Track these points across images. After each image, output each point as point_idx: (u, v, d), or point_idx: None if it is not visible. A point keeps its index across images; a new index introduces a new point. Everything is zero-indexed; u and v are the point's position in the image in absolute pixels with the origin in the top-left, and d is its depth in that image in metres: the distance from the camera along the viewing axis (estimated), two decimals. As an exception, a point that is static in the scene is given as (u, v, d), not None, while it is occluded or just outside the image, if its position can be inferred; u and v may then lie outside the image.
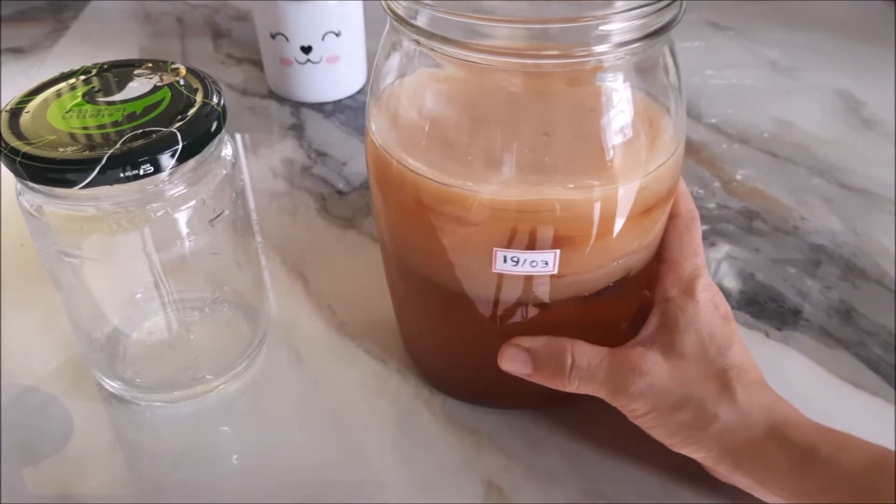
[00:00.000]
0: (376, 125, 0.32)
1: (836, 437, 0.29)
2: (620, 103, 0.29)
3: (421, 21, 0.28)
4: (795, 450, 0.29)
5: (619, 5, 0.27)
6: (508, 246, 0.29)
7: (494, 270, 0.30)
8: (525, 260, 0.30)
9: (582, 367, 0.32)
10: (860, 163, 0.55)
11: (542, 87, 0.29)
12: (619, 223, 0.30)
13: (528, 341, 0.33)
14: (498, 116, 0.29)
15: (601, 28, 0.26)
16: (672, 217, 0.34)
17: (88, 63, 0.35)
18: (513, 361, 0.33)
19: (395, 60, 0.31)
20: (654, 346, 0.32)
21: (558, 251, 0.29)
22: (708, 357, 0.31)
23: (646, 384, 0.31)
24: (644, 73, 0.29)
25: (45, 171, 0.29)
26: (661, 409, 0.31)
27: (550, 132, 0.29)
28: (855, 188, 0.53)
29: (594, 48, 0.26)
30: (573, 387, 0.32)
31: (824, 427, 0.30)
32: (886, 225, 0.49)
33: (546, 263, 0.30)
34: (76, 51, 0.74)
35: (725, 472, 0.31)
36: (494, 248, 0.29)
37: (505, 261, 0.30)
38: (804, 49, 0.71)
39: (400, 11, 0.28)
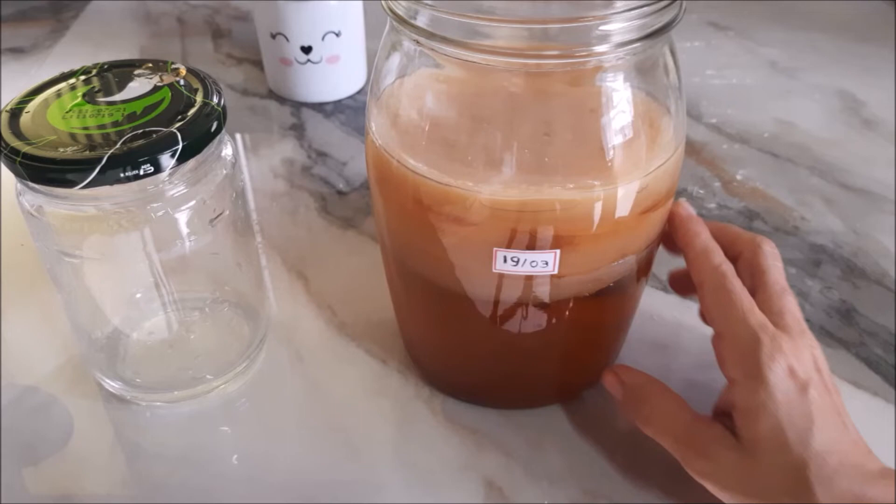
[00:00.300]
0: (376, 125, 0.32)
1: None
2: (621, 103, 0.29)
3: (421, 21, 0.28)
4: None
5: (619, 5, 0.27)
6: (508, 246, 0.29)
7: (494, 270, 0.30)
8: (525, 260, 0.30)
9: (656, 423, 0.32)
10: (860, 163, 0.55)
11: (542, 88, 0.29)
12: (619, 223, 0.30)
13: (627, 375, 0.34)
14: (498, 116, 0.29)
15: (601, 28, 0.26)
16: (699, 283, 0.31)
17: (88, 63, 0.35)
18: (610, 385, 0.35)
19: (395, 61, 0.31)
20: (733, 422, 0.29)
21: (558, 251, 0.29)
22: (784, 447, 0.28)
23: (713, 468, 0.29)
24: (644, 74, 0.29)
25: (46, 171, 0.29)
26: (731, 492, 0.29)
27: (551, 132, 0.29)
28: (855, 188, 0.53)
29: (594, 48, 0.26)
30: (647, 433, 0.33)
31: None
32: (886, 225, 0.49)
33: (546, 263, 0.30)
34: (76, 51, 0.74)
35: None
36: (494, 248, 0.29)
37: (505, 261, 0.30)
38: (804, 49, 0.71)
39: (400, 11, 0.28)
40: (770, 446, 0.28)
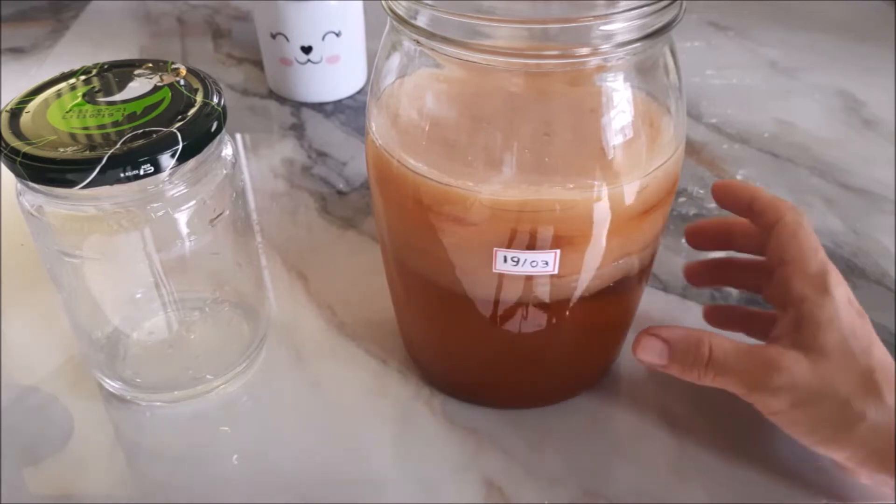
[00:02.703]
0: (376, 125, 0.32)
1: None
2: (621, 103, 0.29)
3: (421, 21, 0.28)
4: None
5: (619, 5, 0.27)
6: (509, 246, 0.29)
7: (495, 270, 0.30)
8: (525, 260, 0.30)
9: (719, 360, 0.31)
10: (860, 163, 0.55)
11: (542, 88, 0.29)
12: (619, 223, 0.30)
13: (665, 331, 0.33)
14: (498, 116, 0.29)
15: (601, 28, 0.26)
16: (778, 220, 0.34)
17: (88, 63, 0.35)
18: (649, 351, 0.33)
19: (395, 60, 0.31)
20: (793, 345, 0.31)
21: (558, 251, 0.29)
22: (852, 355, 0.30)
23: (786, 380, 0.30)
24: (644, 74, 0.29)
25: (46, 171, 0.29)
26: (803, 406, 0.30)
27: (551, 132, 0.29)
28: (855, 188, 0.52)
29: (594, 48, 0.26)
30: (708, 379, 0.32)
31: None
32: (886, 225, 0.49)
33: (546, 263, 0.30)
34: (76, 51, 0.74)
35: (869, 474, 0.30)
36: (495, 248, 0.29)
37: (505, 261, 0.30)
38: (804, 49, 0.71)
39: (400, 11, 0.28)
40: (839, 354, 0.30)
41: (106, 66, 0.35)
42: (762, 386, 0.31)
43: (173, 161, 0.30)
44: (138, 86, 0.34)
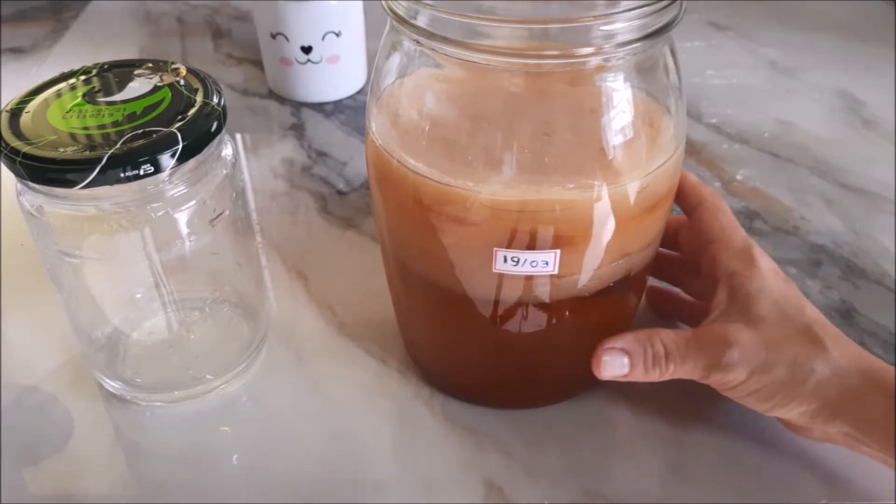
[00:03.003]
0: (376, 125, 0.32)
1: None
2: (621, 103, 0.29)
3: (421, 21, 0.28)
4: (892, 392, 0.30)
5: (619, 5, 0.27)
6: (509, 246, 0.29)
7: (495, 270, 0.30)
8: (525, 260, 0.30)
9: (673, 353, 0.32)
10: (860, 163, 0.55)
11: (542, 88, 0.29)
12: (619, 223, 0.30)
13: (619, 342, 0.33)
14: (498, 116, 0.29)
15: (601, 28, 0.26)
16: (700, 203, 0.36)
17: (88, 63, 0.35)
18: (611, 366, 0.33)
19: (395, 60, 0.31)
20: (733, 318, 0.32)
21: (558, 251, 0.29)
22: (788, 317, 0.32)
23: (738, 353, 0.31)
24: (644, 73, 0.29)
25: (46, 171, 0.29)
26: (757, 374, 0.31)
27: (551, 132, 0.29)
28: (855, 188, 0.52)
29: (594, 48, 0.26)
30: (668, 373, 0.33)
31: None
32: (886, 225, 0.49)
33: (546, 263, 0.30)
34: (76, 51, 0.74)
35: (822, 426, 0.32)
36: (495, 248, 0.29)
37: (505, 261, 0.30)
38: (804, 49, 0.71)
39: (400, 11, 0.28)
40: (776, 319, 0.32)
41: (106, 66, 0.35)
42: (718, 364, 0.32)
43: (173, 161, 0.30)
44: (138, 86, 0.34)
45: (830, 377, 0.30)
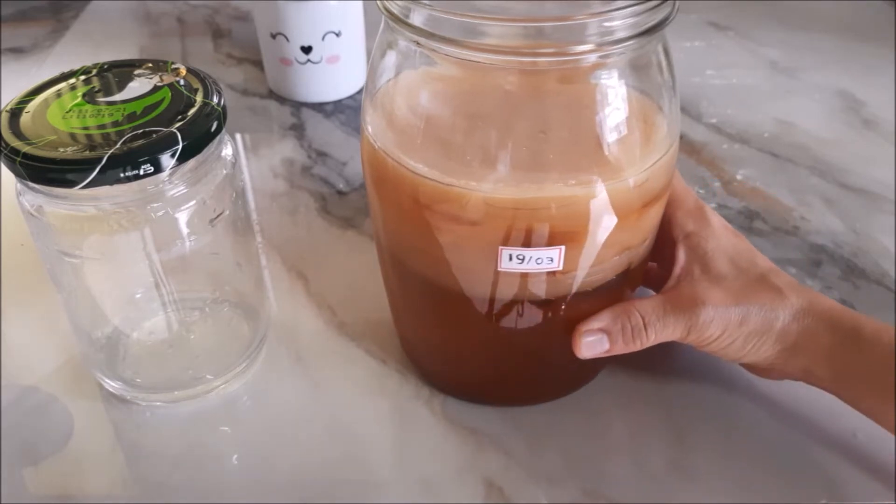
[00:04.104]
0: (372, 124, 0.32)
1: (874, 322, 0.32)
2: (615, 101, 0.29)
3: (416, 20, 0.28)
4: (841, 331, 0.32)
5: (613, 3, 0.27)
6: (516, 244, 0.29)
7: (500, 269, 0.30)
8: (531, 257, 0.30)
9: (652, 322, 0.33)
10: (860, 163, 0.55)
11: (537, 85, 0.29)
12: (620, 218, 0.30)
13: (597, 322, 0.34)
14: (494, 114, 0.29)
15: (595, 26, 0.26)
16: None
17: (88, 63, 0.35)
18: (591, 346, 0.34)
19: (390, 59, 0.31)
20: (696, 277, 0.34)
21: (563, 247, 0.29)
22: (744, 270, 0.34)
23: (711, 311, 0.33)
24: (638, 71, 0.29)
25: (46, 171, 0.29)
26: (731, 328, 0.33)
27: (546, 130, 0.29)
28: (855, 188, 0.52)
29: (588, 46, 0.26)
30: (649, 342, 0.34)
31: (862, 315, 0.33)
32: (886, 225, 0.49)
33: (552, 260, 0.30)
34: (76, 51, 0.74)
35: (782, 366, 0.34)
36: (500, 247, 0.29)
37: (511, 259, 0.30)
38: (804, 49, 0.71)
39: (395, 10, 0.28)
40: (734, 273, 0.34)
41: (106, 66, 0.35)
42: (695, 324, 0.33)
43: (173, 161, 0.30)
44: (138, 86, 0.34)
45: (791, 321, 0.33)
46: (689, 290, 0.33)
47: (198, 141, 0.31)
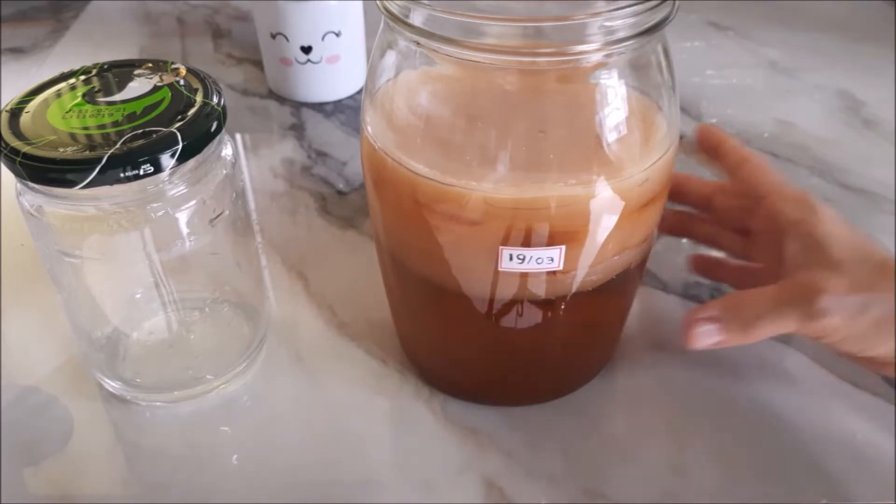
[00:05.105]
0: (372, 124, 0.32)
1: None
2: (615, 100, 0.29)
3: (415, 20, 0.28)
4: None
5: (612, 3, 0.27)
6: (516, 244, 0.29)
7: (500, 269, 0.30)
8: (531, 257, 0.30)
9: (765, 312, 0.32)
10: (860, 163, 0.55)
11: (536, 85, 0.29)
12: (620, 218, 0.30)
13: (709, 311, 0.32)
14: (494, 114, 0.29)
15: (595, 26, 0.26)
16: (744, 162, 0.37)
17: (88, 63, 0.35)
18: (705, 336, 0.32)
19: (390, 59, 0.31)
20: (812, 266, 0.32)
21: (564, 247, 0.29)
22: (862, 257, 0.32)
23: (830, 298, 0.31)
24: (638, 71, 0.30)
25: (45, 171, 0.29)
26: (854, 316, 0.31)
27: (546, 129, 0.29)
28: (855, 188, 0.52)
29: (588, 46, 0.26)
30: (764, 333, 0.32)
31: None
32: (886, 225, 0.49)
33: (552, 260, 0.30)
34: (76, 51, 0.74)
35: None
36: (500, 247, 0.29)
37: (511, 259, 0.30)
38: (804, 49, 0.71)
39: (394, 10, 0.28)
40: (852, 259, 0.32)
41: (106, 66, 0.35)
42: (813, 313, 0.31)
43: (173, 161, 0.30)
44: (138, 86, 0.34)
45: None
46: (805, 278, 0.32)
47: (198, 141, 0.31)
